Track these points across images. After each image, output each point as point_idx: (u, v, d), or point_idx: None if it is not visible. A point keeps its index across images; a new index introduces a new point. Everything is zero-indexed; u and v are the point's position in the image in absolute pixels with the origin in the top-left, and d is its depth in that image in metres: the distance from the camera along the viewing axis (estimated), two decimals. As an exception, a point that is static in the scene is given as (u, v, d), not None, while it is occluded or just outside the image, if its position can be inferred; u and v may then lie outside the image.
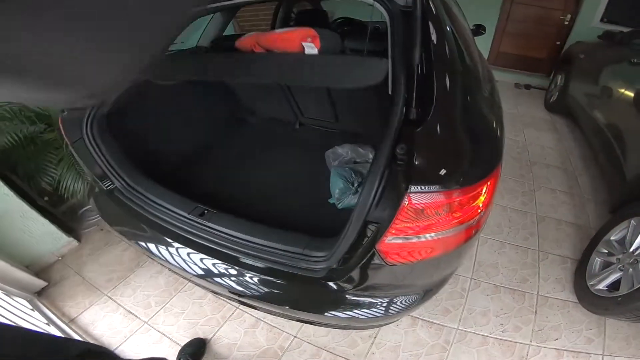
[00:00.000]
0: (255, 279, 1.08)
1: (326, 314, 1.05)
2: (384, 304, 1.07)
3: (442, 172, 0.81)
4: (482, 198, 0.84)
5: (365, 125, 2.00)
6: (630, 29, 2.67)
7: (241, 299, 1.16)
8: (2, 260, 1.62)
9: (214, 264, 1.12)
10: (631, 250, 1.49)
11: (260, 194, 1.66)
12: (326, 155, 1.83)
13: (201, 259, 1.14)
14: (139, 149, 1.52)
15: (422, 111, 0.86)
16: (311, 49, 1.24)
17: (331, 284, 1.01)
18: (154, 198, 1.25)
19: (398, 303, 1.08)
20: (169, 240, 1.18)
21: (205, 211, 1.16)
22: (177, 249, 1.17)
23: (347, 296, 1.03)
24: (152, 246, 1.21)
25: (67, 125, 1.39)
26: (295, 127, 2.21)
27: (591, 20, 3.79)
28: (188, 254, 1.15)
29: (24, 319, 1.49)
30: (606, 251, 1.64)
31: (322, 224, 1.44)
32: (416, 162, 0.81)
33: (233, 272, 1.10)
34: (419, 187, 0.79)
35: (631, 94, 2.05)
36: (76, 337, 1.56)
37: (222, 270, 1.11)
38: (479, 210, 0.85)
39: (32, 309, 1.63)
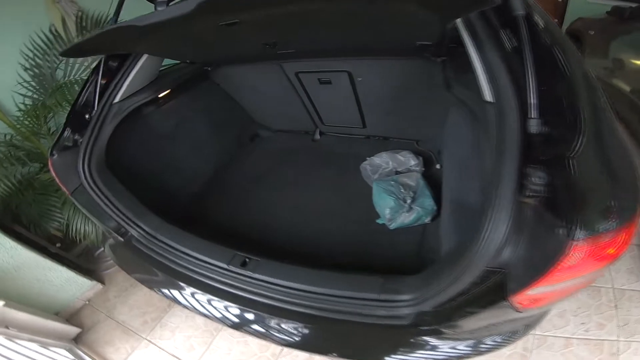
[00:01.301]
0: (317, 331, 0.91)
1: (402, 357, 0.88)
2: (478, 344, 0.90)
3: (603, 207, 0.60)
4: (632, 232, 0.62)
5: (397, 128, 1.75)
6: (630, 3, 2.37)
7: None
8: (30, 313, 1.48)
9: (263, 318, 0.95)
10: None
11: (293, 224, 1.45)
12: (362, 168, 1.60)
13: (245, 312, 0.96)
14: (146, 186, 1.32)
15: (551, 122, 0.62)
16: None
17: (421, 328, 0.83)
18: (182, 248, 1.05)
19: (494, 341, 0.91)
20: (206, 294, 1.00)
21: (247, 259, 0.97)
22: (215, 302, 1.00)
23: (437, 341, 0.86)
24: (183, 300, 1.05)
25: (60, 171, 1.19)
26: (315, 137, 1.96)
27: (584, -5, 3.38)
28: (226, 307, 0.98)
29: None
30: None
31: (381, 252, 1.27)
32: (568, 196, 0.60)
33: (288, 325, 0.93)
34: (583, 232, 0.58)
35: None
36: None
37: (274, 325, 0.94)
38: (626, 246, 0.64)
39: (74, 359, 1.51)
